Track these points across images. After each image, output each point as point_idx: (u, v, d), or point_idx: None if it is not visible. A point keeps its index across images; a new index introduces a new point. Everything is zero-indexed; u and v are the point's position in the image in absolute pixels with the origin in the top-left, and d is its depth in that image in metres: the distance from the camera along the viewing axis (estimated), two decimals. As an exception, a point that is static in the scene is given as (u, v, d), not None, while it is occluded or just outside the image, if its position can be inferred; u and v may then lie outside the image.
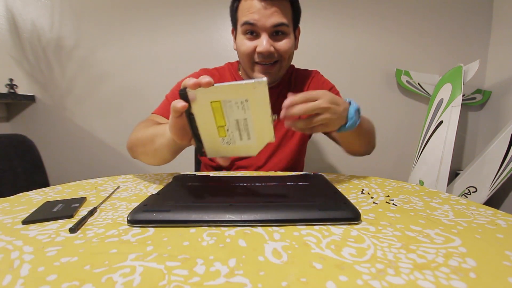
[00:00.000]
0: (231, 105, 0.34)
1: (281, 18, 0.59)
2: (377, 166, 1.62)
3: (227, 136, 0.37)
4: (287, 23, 0.60)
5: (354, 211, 0.34)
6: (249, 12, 0.59)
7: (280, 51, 0.62)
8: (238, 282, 0.22)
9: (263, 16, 0.58)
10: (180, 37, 1.49)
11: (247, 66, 0.66)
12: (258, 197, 0.40)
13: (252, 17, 0.58)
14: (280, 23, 0.59)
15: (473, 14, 1.50)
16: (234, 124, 0.36)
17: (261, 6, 0.57)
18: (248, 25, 0.60)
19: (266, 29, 0.59)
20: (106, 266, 0.24)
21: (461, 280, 0.22)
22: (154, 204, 0.36)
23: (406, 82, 1.50)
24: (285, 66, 0.67)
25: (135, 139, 0.58)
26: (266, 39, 0.60)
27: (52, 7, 1.44)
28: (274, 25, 0.59)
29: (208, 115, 0.35)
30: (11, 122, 1.51)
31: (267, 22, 0.58)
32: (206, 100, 0.34)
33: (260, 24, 0.59)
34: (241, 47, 0.63)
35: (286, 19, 0.60)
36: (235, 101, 0.34)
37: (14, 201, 0.43)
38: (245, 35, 0.62)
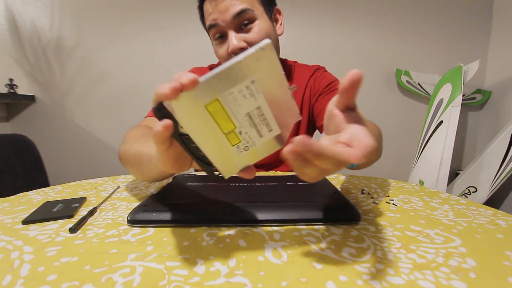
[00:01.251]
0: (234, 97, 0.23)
1: (239, 5, 0.53)
2: (377, 166, 1.62)
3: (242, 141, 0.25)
4: (249, 7, 0.53)
5: (354, 211, 0.34)
6: (208, 14, 0.55)
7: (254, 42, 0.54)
8: (238, 282, 0.22)
9: (220, 11, 0.53)
10: (180, 37, 1.49)
11: None
12: (258, 197, 0.39)
13: (211, 18, 0.54)
14: (239, 10, 0.52)
15: (473, 14, 1.50)
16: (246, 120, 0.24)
17: (215, 3, 0.53)
18: (212, 28, 0.56)
19: (229, 24, 0.54)
20: (106, 266, 0.24)
21: (461, 280, 0.22)
22: (154, 204, 0.36)
23: (406, 82, 1.50)
24: None
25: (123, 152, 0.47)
26: (234, 35, 0.54)
27: (52, 7, 1.44)
28: (234, 15, 0.52)
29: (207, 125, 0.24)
30: (11, 122, 1.51)
31: (225, 15, 0.53)
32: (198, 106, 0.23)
33: (221, 22, 0.53)
34: (217, 54, 0.60)
35: (247, 4, 0.54)
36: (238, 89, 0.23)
37: (14, 201, 0.43)
38: (215, 40, 0.58)
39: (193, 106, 0.23)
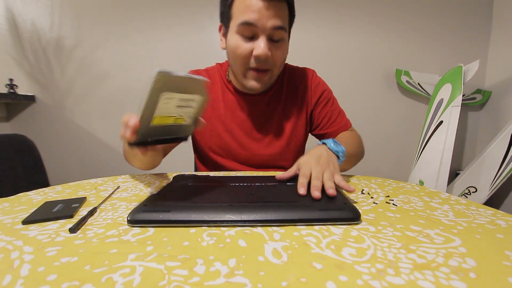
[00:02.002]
0: (164, 107, 0.35)
1: (281, 22, 0.55)
2: (377, 166, 1.62)
3: (184, 117, 0.39)
4: (285, 28, 0.57)
5: (354, 211, 0.34)
6: (249, 11, 0.53)
7: (274, 59, 0.58)
8: (238, 282, 0.22)
9: (264, 16, 0.53)
10: (179, 36, 1.49)
11: (239, 71, 0.61)
12: (258, 197, 0.39)
13: (253, 17, 0.53)
14: (280, 26, 0.55)
15: (473, 14, 1.50)
16: (179, 108, 0.36)
17: (263, 6, 0.52)
18: (247, 25, 0.54)
19: (266, 31, 0.55)
20: (106, 266, 0.24)
21: (461, 280, 0.22)
22: (154, 204, 0.36)
23: (406, 82, 1.50)
24: (275, 75, 0.64)
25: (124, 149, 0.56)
26: (264, 42, 0.55)
27: (52, 7, 1.44)
28: (274, 27, 0.54)
29: (162, 126, 0.37)
30: (11, 122, 1.51)
31: (267, 23, 0.54)
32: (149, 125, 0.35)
33: (260, 25, 0.54)
34: (237, 50, 0.57)
35: (285, 23, 0.57)
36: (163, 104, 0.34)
37: (14, 201, 0.43)
38: (240, 35, 0.56)
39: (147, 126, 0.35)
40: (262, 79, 0.61)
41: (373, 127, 1.58)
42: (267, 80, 0.62)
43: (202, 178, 0.53)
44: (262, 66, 0.58)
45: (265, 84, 0.63)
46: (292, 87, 0.72)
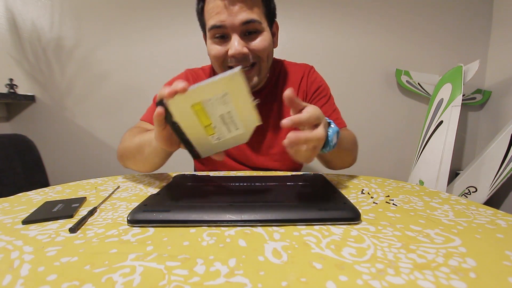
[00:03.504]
0: (212, 103, 0.34)
1: (250, 14, 0.53)
2: (377, 166, 1.62)
3: (215, 133, 0.38)
4: (258, 19, 0.54)
5: (354, 211, 0.34)
6: (214, 13, 0.53)
7: (255, 51, 0.56)
8: (238, 282, 0.22)
9: (230, 14, 0.52)
10: (179, 36, 1.49)
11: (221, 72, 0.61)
12: (258, 197, 0.40)
13: (218, 19, 0.53)
14: (250, 19, 0.53)
15: (473, 14, 1.50)
16: (220, 120, 0.36)
17: (224, 5, 0.52)
18: (216, 28, 0.54)
19: (235, 28, 0.53)
20: (106, 266, 0.24)
21: (461, 280, 0.22)
22: (154, 204, 0.36)
23: (406, 82, 1.50)
24: (265, 68, 0.61)
25: (123, 149, 0.56)
26: (237, 39, 0.54)
27: (52, 7, 1.44)
28: (243, 22, 0.53)
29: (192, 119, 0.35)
30: (11, 122, 1.51)
31: (234, 20, 0.52)
32: (186, 105, 0.34)
33: (228, 24, 0.53)
34: (211, 52, 0.58)
35: (256, 15, 0.54)
36: (215, 98, 0.34)
37: (14, 201, 0.43)
38: (214, 39, 0.56)
39: (182, 104, 0.34)
40: (250, 75, 0.59)
41: (373, 127, 1.58)
42: (255, 74, 0.60)
43: (202, 178, 0.53)
44: (242, 64, 0.56)
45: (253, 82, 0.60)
46: (288, 84, 0.70)
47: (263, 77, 0.62)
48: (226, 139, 0.39)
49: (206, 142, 0.39)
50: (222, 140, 0.39)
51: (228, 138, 0.39)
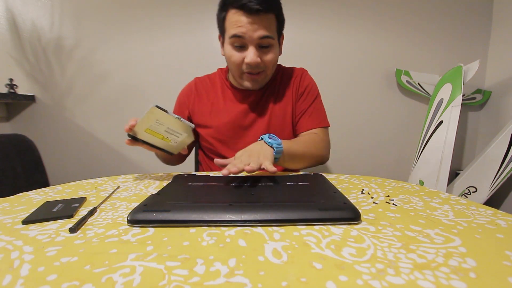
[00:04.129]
0: (154, 126, 0.52)
1: (266, 31, 0.63)
2: (377, 166, 1.62)
3: (170, 140, 0.56)
4: (272, 36, 0.65)
5: (354, 211, 0.34)
6: (237, 26, 0.63)
7: (265, 63, 0.68)
8: (238, 282, 0.22)
9: (250, 30, 0.62)
10: (179, 37, 1.49)
11: (236, 74, 0.72)
12: (258, 197, 0.40)
13: (240, 31, 0.63)
14: (266, 35, 0.64)
15: (473, 14, 1.50)
16: (166, 133, 0.54)
17: (248, 21, 0.62)
18: (237, 38, 0.64)
19: (253, 41, 0.64)
20: (106, 266, 0.24)
21: (461, 280, 0.22)
22: (154, 204, 0.36)
23: (406, 82, 1.50)
24: (269, 74, 0.73)
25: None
26: (253, 51, 0.64)
27: (52, 7, 1.44)
28: (260, 37, 0.63)
29: (151, 136, 0.54)
30: (11, 122, 1.51)
31: (253, 35, 0.63)
32: (142, 130, 0.53)
33: (248, 37, 0.63)
34: (231, 58, 0.68)
35: (271, 32, 0.65)
36: (154, 123, 0.52)
37: (14, 201, 0.43)
38: (233, 46, 0.66)
39: (140, 131, 0.53)
40: (257, 80, 0.71)
41: (373, 127, 1.58)
42: (262, 79, 0.72)
43: (202, 178, 0.53)
44: (254, 70, 0.68)
45: (260, 83, 0.73)
46: (284, 84, 0.80)
47: (266, 81, 0.75)
48: (180, 141, 0.56)
49: (169, 145, 0.57)
50: (177, 142, 0.56)
51: (180, 141, 0.56)
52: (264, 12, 0.61)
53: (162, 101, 0.76)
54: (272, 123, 0.77)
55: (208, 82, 0.82)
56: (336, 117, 1.53)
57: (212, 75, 0.84)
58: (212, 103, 0.78)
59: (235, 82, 0.77)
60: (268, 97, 0.78)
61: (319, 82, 0.84)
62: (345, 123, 1.56)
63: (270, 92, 0.79)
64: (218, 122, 0.77)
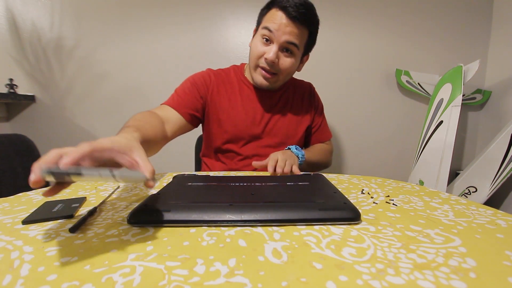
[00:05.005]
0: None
1: (295, 39, 0.66)
2: (377, 166, 1.62)
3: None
4: (297, 44, 0.67)
5: (354, 211, 0.34)
6: (272, 21, 0.66)
7: (281, 66, 0.70)
8: (238, 282, 0.22)
9: (281, 29, 0.65)
10: (180, 36, 1.49)
11: (252, 65, 0.73)
12: (258, 197, 0.40)
13: (273, 26, 0.66)
14: (292, 42, 0.66)
15: (473, 14, 1.50)
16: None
17: (283, 22, 0.65)
18: (266, 30, 0.67)
19: (279, 41, 0.66)
20: (106, 266, 0.24)
21: (461, 280, 0.22)
22: (154, 204, 0.36)
23: (406, 82, 1.50)
24: (281, 80, 0.74)
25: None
26: (275, 50, 0.67)
27: (52, 7, 1.44)
28: (287, 41, 0.66)
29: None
30: (11, 122, 1.51)
31: (282, 36, 0.66)
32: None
33: (276, 35, 0.66)
34: (254, 48, 0.71)
35: (299, 42, 0.67)
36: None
37: (14, 201, 0.43)
38: (261, 37, 0.69)
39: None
40: (268, 79, 0.72)
41: (373, 127, 1.58)
42: (272, 81, 0.73)
43: (202, 178, 0.53)
44: (268, 68, 0.70)
45: (270, 83, 0.73)
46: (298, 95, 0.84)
47: (278, 85, 0.77)
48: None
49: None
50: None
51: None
52: (300, 22, 0.65)
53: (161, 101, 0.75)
54: (287, 129, 0.80)
55: (224, 75, 0.81)
56: (336, 117, 1.53)
57: (227, 70, 0.83)
58: (229, 98, 0.78)
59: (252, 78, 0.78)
60: (284, 103, 0.81)
61: (319, 82, 0.85)
62: (345, 123, 1.55)
63: (286, 99, 0.82)
64: (237, 119, 0.77)
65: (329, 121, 0.81)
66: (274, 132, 0.79)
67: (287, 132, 0.80)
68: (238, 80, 0.80)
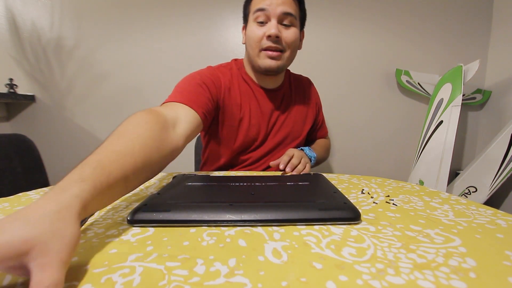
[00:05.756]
0: None
1: (290, 9, 0.65)
2: (377, 166, 1.62)
3: None
4: (294, 14, 0.66)
5: (354, 210, 0.34)
6: (261, 1, 0.65)
7: (286, 40, 0.66)
8: (238, 282, 0.22)
9: (274, 3, 0.64)
10: (180, 36, 1.49)
11: (254, 53, 0.68)
12: (258, 197, 0.40)
13: (265, 4, 0.64)
14: (289, 12, 0.65)
15: (473, 14, 1.50)
16: None
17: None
18: (260, 11, 0.65)
19: (276, 15, 0.64)
20: (106, 266, 0.24)
21: (461, 280, 0.22)
22: (154, 204, 0.36)
23: (406, 82, 1.50)
24: (288, 57, 0.70)
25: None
26: (275, 23, 0.64)
27: (52, 7, 1.44)
28: (283, 12, 0.65)
29: None
30: (11, 121, 1.51)
31: (277, 9, 0.64)
32: None
33: (271, 9, 0.64)
34: (251, 34, 0.67)
35: (294, 12, 0.66)
36: None
37: (14, 201, 0.43)
38: (256, 22, 0.66)
39: None
40: (275, 58, 0.67)
41: (373, 126, 1.58)
42: (280, 61, 0.68)
43: (202, 178, 0.53)
44: (273, 46, 0.66)
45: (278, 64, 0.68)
46: (298, 90, 0.82)
47: (285, 64, 0.70)
48: None
49: None
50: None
51: None
52: None
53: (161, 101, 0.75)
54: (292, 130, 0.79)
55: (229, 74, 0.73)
56: (336, 117, 1.53)
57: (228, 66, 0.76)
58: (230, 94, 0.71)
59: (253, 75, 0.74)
60: (288, 102, 0.79)
61: (319, 82, 0.85)
62: (345, 123, 1.55)
63: (289, 98, 0.80)
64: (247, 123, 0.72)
65: (329, 120, 0.82)
66: (280, 133, 0.77)
67: (292, 132, 0.79)
68: (237, 75, 0.74)
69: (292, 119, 0.79)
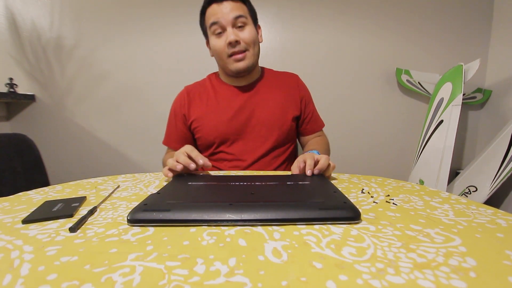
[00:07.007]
0: None
1: (239, 12, 0.71)
2: (377, 166, 1.62)
3: None
4: (244, 15, 0.72)
5: (354, 210, 0.34)
6: (212, 15, 0.72)
7: (245, 40, 0.73)
8: (238, 282, 0.22)
9: (223, 13, 0.71)
10: (179, 36, 1.49)
11: (224, 62, 0.76)
12: (258, 197, 0.39)
13: (216, 17, 0.71)
14: (239, 15, 0.71)
15: (473, 13, 1.49)
16: None
17: (219, 9, 0.71)
18: (214, 24, 0.72)
19: (229, 22, 0.71)
20: (106, 265, 0.24)
21: (461, 280, 0.22)
22: (154, 204, 0.36)
23: (406, 81, 1.50)
24: (253, 54, 0.76)
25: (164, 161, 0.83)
26: (231, 30, 0.71)
27: (52, 6, 1.43)
28: (234, 17, 0.71)
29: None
30: (11, 121, 1.51)
31: (228, 17, 0.71)
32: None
33: (223, 20, 0.71)
34: (215, 47, 0.75)
35: (243, 12, 0.72)
36: None
37: (14, 200, 0.43)
38: (215, 35, 0.74)
39: None
40: (241, 59, 0.74)
41: (373, 126, 1.58)
42: (247, 60, 0.75)
43: (202, 177, 0.53)
44: (236, 50, 0.73)
45: (246, 63, 0.75)
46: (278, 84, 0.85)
47: (253, 61, 0.77)
48: None
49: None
50: None
51: None
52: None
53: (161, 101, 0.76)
54: (271, 120, 0.80)
55: (199, 86, 0.85)
56: (336, 116, 1.52)
57: (202, 81, 0.88)
58: (207, 104, 0.81)
59: (227, 79, 0.82)
60: (263, 94, 0.82)
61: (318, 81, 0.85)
62: (345, 122, 1.55)
63: (264, 90, 0.83)
64: (216, 121, 0.79)
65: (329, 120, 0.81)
66: (260, 123, 0.80)
67: (272, 121, 0.80)
68: (213, 85, 0.84)
69: (271, 108, 0.81)
